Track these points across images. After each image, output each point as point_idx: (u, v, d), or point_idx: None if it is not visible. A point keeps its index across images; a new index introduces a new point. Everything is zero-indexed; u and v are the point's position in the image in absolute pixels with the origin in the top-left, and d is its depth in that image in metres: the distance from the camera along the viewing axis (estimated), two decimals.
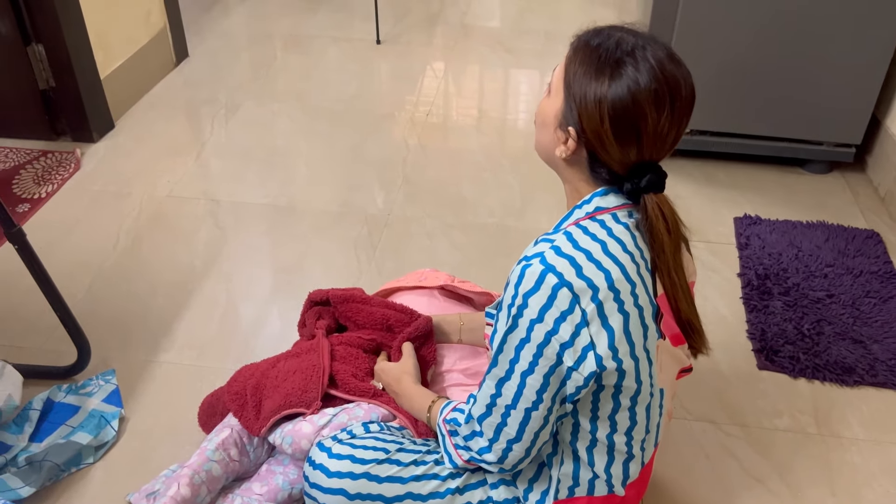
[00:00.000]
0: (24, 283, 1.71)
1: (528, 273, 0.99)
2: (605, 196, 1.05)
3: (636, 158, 1.00)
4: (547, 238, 1.04)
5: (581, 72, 1.00)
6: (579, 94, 1.00)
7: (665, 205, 1.02)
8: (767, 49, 2.23)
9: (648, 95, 0.96)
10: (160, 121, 2.77)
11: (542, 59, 3.29)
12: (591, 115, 0.99)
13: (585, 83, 0.99)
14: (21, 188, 2.37)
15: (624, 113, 0.97)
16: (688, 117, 1.02)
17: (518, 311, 1.01)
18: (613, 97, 0.97)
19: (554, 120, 1.05)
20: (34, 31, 2.43)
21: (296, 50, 3.31)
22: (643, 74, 0.97)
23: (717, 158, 2.52)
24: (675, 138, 1.02)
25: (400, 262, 2.11)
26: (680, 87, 0.99)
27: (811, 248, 2.10)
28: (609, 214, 1.04)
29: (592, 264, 0.99)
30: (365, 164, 2.54)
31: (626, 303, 1.01)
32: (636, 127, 0.98)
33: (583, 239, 1.02)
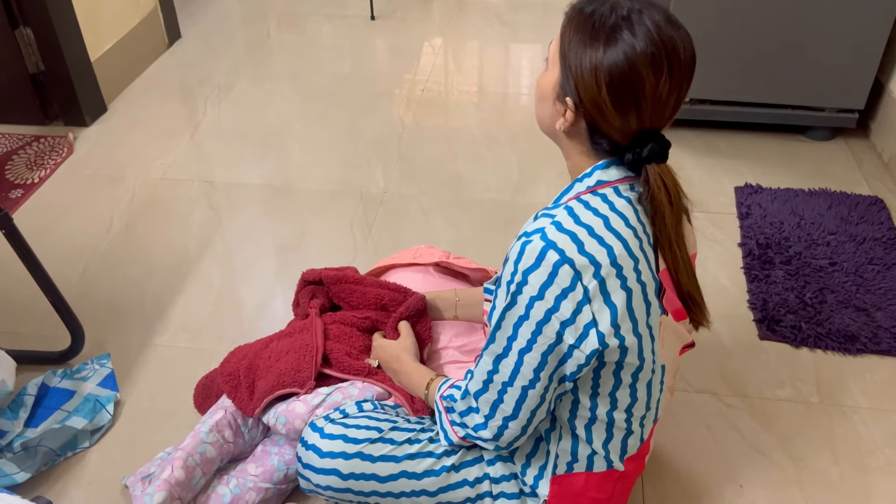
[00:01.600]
0: (17, 269, 1.69)
1: (529, 249, 0.97)
2: (607, 169, 1.02)
3: (636, 126, 0.97)
4: (547, 213, 1.01)
5: (576, 40, 0.97)
6: (575, 64, 0.97)
7: (667, 175, 0.99)
8: (767, 14, 2.18)
9: (646, 60, 0.93)
10: (153, 103, 2.74)
11: (540, 32, 3.24)
12: (588, 83, 0.96)
13: (580, 51, 0.96)
14: (14, 174, 2.35)
15: (621, 79, 0.94)
16: (688, 81, 0.99)
17: (518, 287, 0.98)
18: (610, 63, 0.94)
19: (552, 92, 1.03)
20: (21, 14, 2.40)
21: (290, 28, 3.27)
22: (639, 39, 0.93)
23: (718, 127, 2.48)
24: (676, 103, 0.99)
25: (396, 239, 2.08)
26: (678, 49, 0.95)
27: (813, 215, 2.06)
28: (611, 188, 1.01)
29: (594, 240, 0.97)
30: (360, 143, 2.51)
31: (628, 279, 0.98)
32: (634, 93, 0.94)
33: (584, 214, 0.99)
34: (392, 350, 1.34)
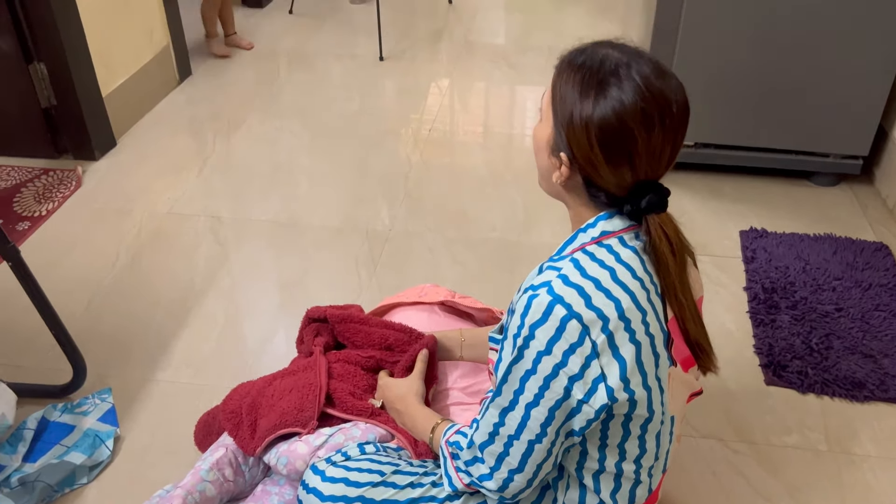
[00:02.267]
0: (22, 301, 1.69)
1: (536, 304, 0.96)
2: (611, 219, 1.01)
3: (632, 179, 0.97)
4: (553, 266, 1.00)
5: (566, 94, 0.97)
6: (566, 119, 0.96)
7: (668, 225, 0.98)
8: (771, 60, 2.21)
9: (636, 115, 0.92)
10: (162, 138, 2.76)
11: (546, 75, 3.28)
12: (580, 140, 0.95)
13: (570, 106, 0.96)
14: (22, 206, 2.36)
15: (612, 135, 0.93)
16: (682, 131, 0.98)
17: (524, 342, 0.97)
18: (599, 120, 0.93)
19: (546, 146, 1.02)
20: (36, 49, 2.44)
21: (299, 67, 3.31)
22: (628, 93, 0.93)
23: (723, 171, 2.49)
24: (672, 154, 0.98)
25: (401, 277, 2.08)
26: (669, 102, 0.95)
27: (819, 261, 2.06)
28: (615, 238, 1.00)
29: (602, 293, 0.96)
30: (367, 180, 2.53)
31: (637, 332, 0.97)
32: (627, 148, 0.94)
33: (591, 266, 0.98)
34: (398, 390, 1.33)
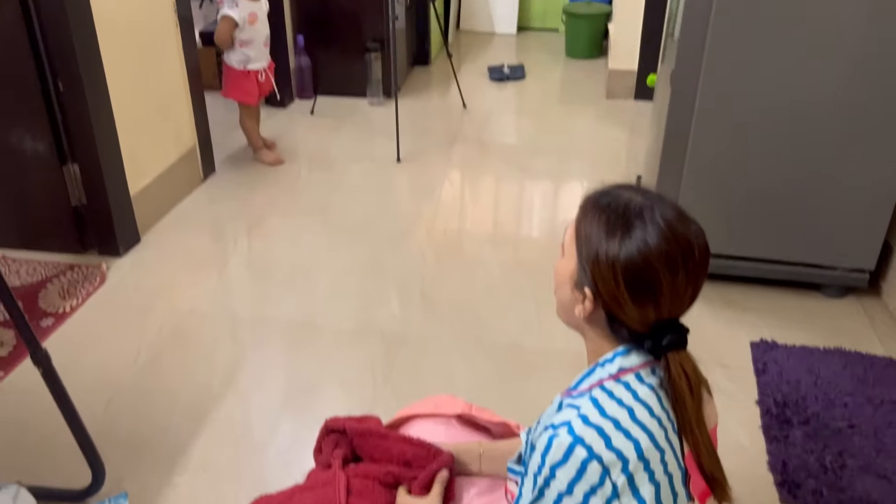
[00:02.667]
0: (43, 401, 1.72)
1: (556, 444, 0.98)
2: (628, 355, 1.04)
3: (655, 317, 1.01)
4: (572, 404, 1.03)
5: (591, 233, 1.02)
6: (591, 256, 1.01)
7: (687, 362, 1.01)
8: (779, 174, 2.29)
9: (661, 257, 0.97)
10: (185, 236, 2.84)
11: (557, 178, 3.38)
12: (606, 277, 1.00)
13: (596, 245, 1.01)
14: (46, 302, 2.42)
15: (638, 275, 0.98)
16: (703, 274, 1.03)
17: (545, 482, 0.99)
18: (626, 260, 0.98)
19: (570, 280, 1.07)
20: (70, 151, 2.55)
21: (320, 167, 3.43)
22: (652, 235, 0.98)
23: (733, 281, 2.54)
24: (693, 294, 1.03)
25: (416, 382, 2.11)
26: (692, 246, 1.00)
27: (829, 375, 2.08)
28: (633, 375, 1.03)
29: (621, 433, 0.98)
30: (383, 280, 2.58)
31: (656, 472, 0.99)
32: (652, 289, 0.99)
33: (609, 405, 1.00)
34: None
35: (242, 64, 3.23)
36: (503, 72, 4.57)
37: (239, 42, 3.19)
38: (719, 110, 2.24)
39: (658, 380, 1.04)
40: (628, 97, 4.22)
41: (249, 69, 3.25)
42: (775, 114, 2.21)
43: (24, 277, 2.55)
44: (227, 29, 3.14)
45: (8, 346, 2.22)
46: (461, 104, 4.14)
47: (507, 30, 5.46)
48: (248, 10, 3.16)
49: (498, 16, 5.44)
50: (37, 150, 2.51)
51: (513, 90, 4.44)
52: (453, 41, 5.30)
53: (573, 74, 4.71)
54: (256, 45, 3.25)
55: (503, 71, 4.58)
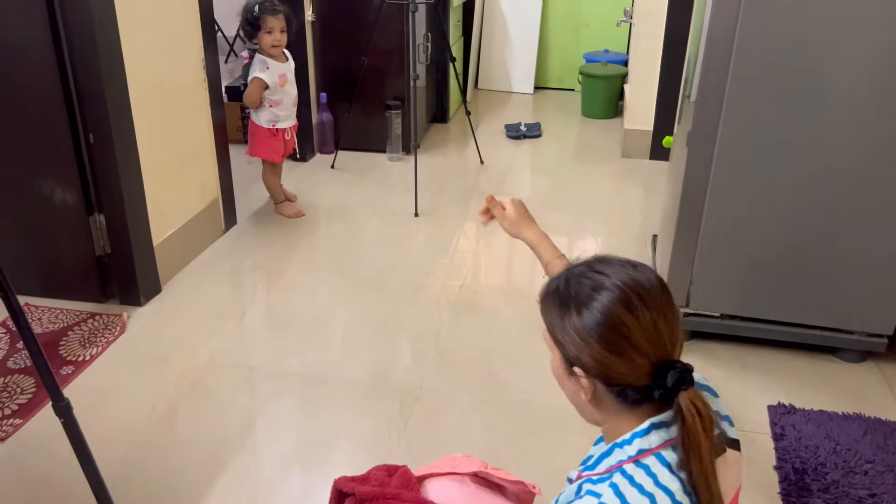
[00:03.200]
0: (60, 450, 1.74)
1: None
2: (647, 436, 1.03)
3: (648, 364, 1.01)
4: (593, 491, 1.02)
5: (554, 317, 1.08)
6: (564, 337, 1.06)
7: (699, 400, 1.00)
8: (797, 237, 2.29)
9: (618, 305, 1.02)
10: (205, 286, 2.88)
11: (572, 232, 3.41)
12: (581, 347, 1.03)
13: (562, 325, 1.06)
14: (67, 350, 2.45)
15: (607, 331, 1.01)
16: (670, 306, 1.05)
17: None
18: (590, 323, 1.03)
19: (563, 371, 1.10)
20: (97, 202, 2.61)
21: (339, 220, 3.48)
22: (605, 292, 1.03)
23: (749, 343, 2.53)
24: (672, 329, 1.03)
25: (431, 439, 2.11)
26: (643, 283, 1.04)
27: (849, 441, 2.06)
28: (653, 456, 1.02)
29: None
30: (399, 335, 2.60)
31: None
32: (626, 337, 1.01)
33: (630, 493, 0.99)
34: None
35: (271, 123, 3.31)
36: (520, 129, 4.65)
37: (269, 102, 3.27)
38: (736, 171, 2.26)
39: (678, 460, 1.02)
40: (644, 157, 4.28)
41: (277, 128, 3.33)
42: (793, 176, 2.23)
43: (45, 325, 2.58)
44: (258, 91, 3.22)
45: (28, 393, 2.24)
46: (478, 160, 4.20)
47: (524, 89, 5.57)
48: (279, 71, 3.25)
49: (515, 76, 5.55)
50: (65, 200, 2.57)
51: (529, 147, 4.51)
52: (471, 100, 5.41)
53: (589, 133, 4.78)
54: (286, 106, 3.33)
55: (520, 128, 4.66)
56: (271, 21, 3.16)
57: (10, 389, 2.25)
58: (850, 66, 2.08)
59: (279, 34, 3.19)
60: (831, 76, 2.10)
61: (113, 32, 2.44)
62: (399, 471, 1.58)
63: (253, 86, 3.21)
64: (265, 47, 3.20)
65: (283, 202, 3.50)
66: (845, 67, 2.08)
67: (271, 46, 3.20)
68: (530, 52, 5.46)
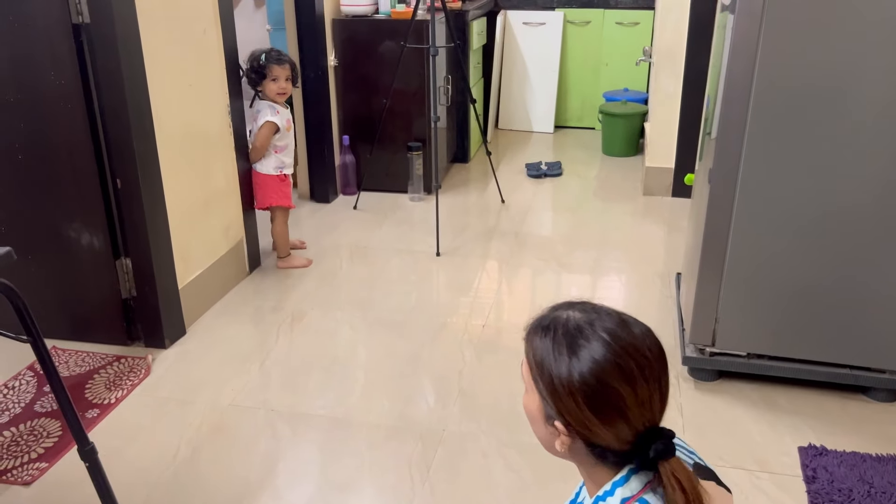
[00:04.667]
0: (85, 493, 1.74)
1: None
2: (627, 484, 1.01)
3: (630, 432, 0.98)
4: None
5: (541, 362, 1.01)
6: (549, 389, 1.00)
7: (680, 471, 0.97)
8: (823, 274, 2.27)
9: (614, 372, 0.95)
10: (229, 328, 2.90)
11: (594, 270, 3.40)
12: (569, 406, 0.98)
13: (549, 371, 0.99)
14: (93, 393, 2.47)
15: (598, 396, 0.96)
16: (665, 375, 1.00)
17: None
18: (581, 382, 0.96)
19: (540, 416, 1.05)
20: (124, 246, 2.65)
21: (361, 261, 3.50)
22: (599, 351, 0.96)
23: (777, 382, 2.49)
24: (662, 397, 1.00)
25: (454, 482, 2.08)
26: (642, 351, 0.98)
27: (883, 484, 2.01)
28: (637, 502, 1.00)
29: None
30: (422, 376, 2.59)
31: None
32: (617, 406, 0.96)
33: None
34: None
35: (279, 170, 3.31)
36: (541, 168, 4.67)
37: (275, 148, 3.28)
38: (759, 208, 2.25)
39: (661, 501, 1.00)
40: (666, 194, 4.27)
41: (285, 174, 3.35)
42: (818, 212, 2.21)
43: (72, 368, 2.61)
44: (269, 135, 3.21)
45: (54, 436, 2.26)
46: (499, 200, 4.22)
47: (544, 128, 5.61)
48: (286, 116, 3.29)
49: (535, 115, 5.60)
50: (92, 244, 2.62)
51: (550, 186, 4.52)
52: (492, 139, 5.45)
53: (610, 171, 4.79)
54: (290, 152, 3.34)
55: (541, 167, 4.68)
56: (277, 70, 3.20)
57: (36, 433, 2.27)
58: (871, 100, 2.07)
59: (284, 83, 3.23)
60: (852, 111, 2.09)
61: (141, 81, 2.50)
62: None
63: (265, 129, 3.21)
64: (270, 95, 3.23)
65: (290, 255, 3.45)
66: (866, 102, 2.08)
67: (276, 94, 3.23)
68: (550, 92, 5.51)
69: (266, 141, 3.23)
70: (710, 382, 2.51)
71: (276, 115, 3.23)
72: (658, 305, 3.06)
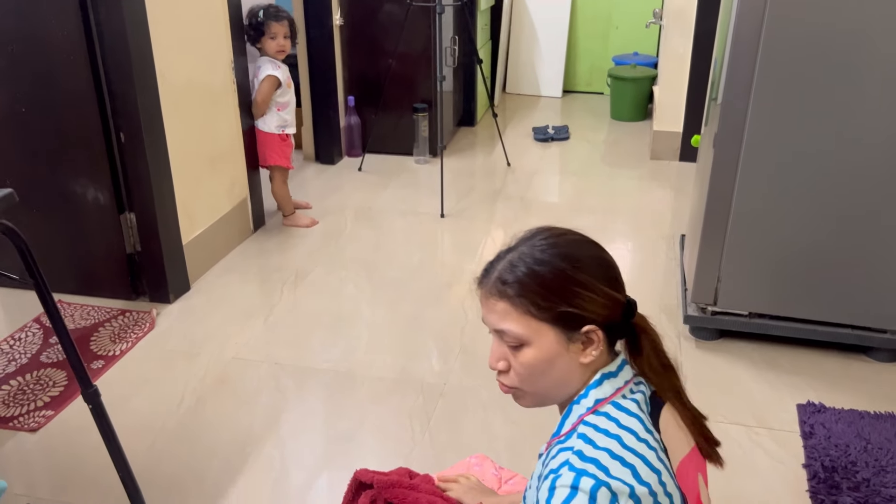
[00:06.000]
0: (89, 440, 1.77)
1: (560, 484, 0.97)
2: (600, 386, 1.06)
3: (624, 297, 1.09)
4: (564, 447, 1.02)
5: (549, 293, 1.04)
6: (566, 302, 1.04)
7: (643, 320, 1.11)
8: (825, 236, 2.26)
9: (593, 247, 1.12)
10: (233, 285, 2.92)
11: (600, 234, 3.36)
12: (593, 298, 1.05)
13: (561, 291, 1.04)
14: (98, 345, 2.49)
15: (605, 269, 1.09)
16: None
17: None
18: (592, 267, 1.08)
19: (557, 349, 1.05)
20: (129, 201, 2.66)
21: (365, 222, 3.50)
22: (585, 243, 1.12)
23: (778, 341, 2.49)
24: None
25: (454, 434, 2.11)
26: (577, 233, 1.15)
27: (880, 440, 2.02)
28: (609, 403, 1.05)
29: (617, 461, 0.98)
30: (424, 333, 2.61)
31: (658, 494, 0.99)
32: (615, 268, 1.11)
33: (598, 437, 1.01)
34: None
35: (281, 129, 3.29)
36: (548, 132, 4.64)
37: (277, 106, 3.26)
38: (763, 171, 2.24)
39: (634, 402, 1.06)
40: (673, 158, 4.24)
41: (286, 133, 3.34)
42: (820, 175, 2.20)
43: (77, 321, 2.63)
44: (270, 89, 3.19)
45: (60, 385, 2.29)
46: (505, 163, 4.21)
47: (552, 93, 5.56)
48: (286, 73, 3.27)
49: (544, 79, 5.55)
50: (97, 199, 2.63)
51: (557, 150, 4.50)
52: (499, 103, 5.42)
53: (618, 135, 4.76)
54: (291, 110, 3.32)
55: (548, 131, 4.65)
56: (275, 27, 3.17)
57: (42, 382, 2.30)
58: (876, 62, 2.05)
59: (282, 40, 3.20)
60: (857, 73, 2.07)
61: (144, 34, 2.49)
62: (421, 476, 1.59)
63: (266, 84, 3.19)
64: (270, 52, 3.20)
65: (294, 213, 3.47)
66: (872, 65, 2.06)
67: (276, 52, 3.21)
68: (559, 56, 5.46)
69: (268, 96, 3.22)
70: (711, 341, 2.52)
71: (278, 70, 3.21)
72: (663, 268, 3.06)
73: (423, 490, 1.49)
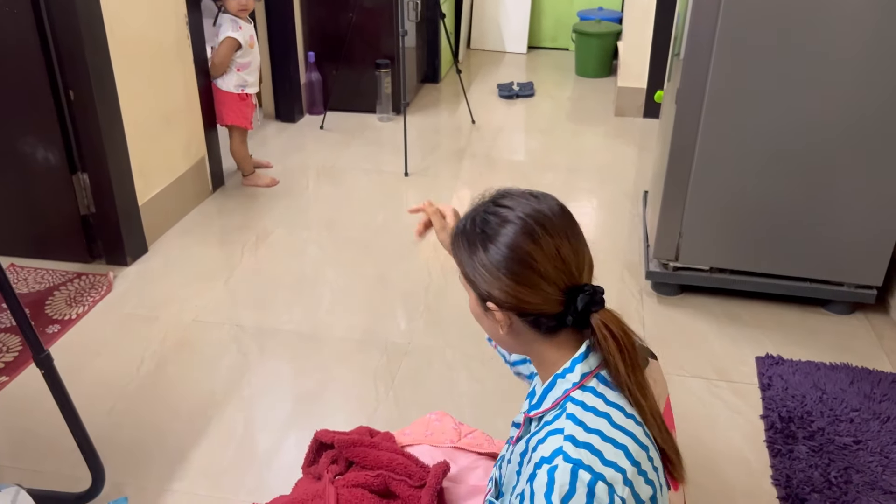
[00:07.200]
0: (45, 405, 1.73)
1: (559, 476, 0.94)
2: (586, 360, 1.03)
3: (557, 291, 1.01)
4: (554, 429, 0.99)
5: (465, 256, 1.07)
6: (475, 274, 1.05)
7: (613, 322, 1.01)
8: (785, 190, 2.28)
9: (523, 237, 1.01)
10: (192, 246, 2.86)
11: (565, 192, 3.38)
12: (492, 282, 1.03)
13: (472, 262, 1.05)
14: (53, 309, 2.43)
15: (514, 264, 1.01)
16: (574, 230, 1.05)
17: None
18: (497, 257, 1.02)
19: (479, 308, 1.09)
20: (81, 161, 2.57)
21: (328, 181, 3.45)
22: (509, 225, 1.03)
23: (739, 296, 2.52)
24: (577, 252, 1.03)
25: (418, 393, 2.10)
26: (544, 212, 1.04)
27: (835, 390, 2.06)
28: (594, 378, 1.03)
29: (609, 444, 0.97)
30: (388, 292, 2.59)
31: (648, 472, 0.98)
32: (532, 267, 1.00)
33: (588, 417, 0.99)
34: None
35: (240, 88, 3.20)
36: (512, 89, 4.60)
37: (237, 66, 3.16)
38: (724, 127, 2.24)
39: None
40: (637, 115, 4.24)
41: (246, 92, 3.25)
42: (780, 131, 2.21)
43: (31, 285, 2.57)
44: (229, 52, 3.10)
45: (13, 351, 2.23)
46: (470, 120, 4.16)
47: (517, 49, 5.50)
48: (249, 32, 3.16)
49: (508, 35, 5.48)
50: (48, 159, 2.54)
51: (522, 107, 4.46)
52: (464, 60, 5.34)
53: (583, 92, 4.73)
54: (253, 70, 3.23)
55: (512, 88, 4.61)
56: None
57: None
58: (837, 19, 2.05)
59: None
60: (819, 30, 2.07)
61: None
62: (381, 434, 1.58)
63: (224, 46, 3.09)
64: (232, 10, 3.08)
65: (254, 172, 3.40)
66: (833, 21, 2.05)
67: (238, 10, 3.10)
68: (524, 11, 5.39)
69: (226, 58, 3.12)
70: (673, 297, 2.54)
71: (238, 31, 3.11)
72: (626, 225, 3.06)
73: (383, 448, 1.49)
